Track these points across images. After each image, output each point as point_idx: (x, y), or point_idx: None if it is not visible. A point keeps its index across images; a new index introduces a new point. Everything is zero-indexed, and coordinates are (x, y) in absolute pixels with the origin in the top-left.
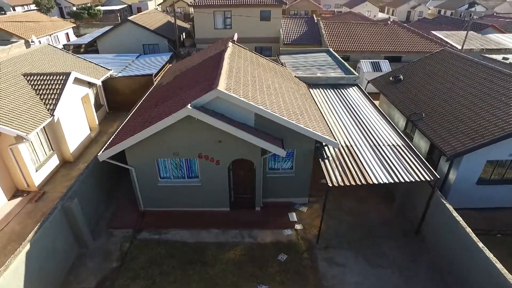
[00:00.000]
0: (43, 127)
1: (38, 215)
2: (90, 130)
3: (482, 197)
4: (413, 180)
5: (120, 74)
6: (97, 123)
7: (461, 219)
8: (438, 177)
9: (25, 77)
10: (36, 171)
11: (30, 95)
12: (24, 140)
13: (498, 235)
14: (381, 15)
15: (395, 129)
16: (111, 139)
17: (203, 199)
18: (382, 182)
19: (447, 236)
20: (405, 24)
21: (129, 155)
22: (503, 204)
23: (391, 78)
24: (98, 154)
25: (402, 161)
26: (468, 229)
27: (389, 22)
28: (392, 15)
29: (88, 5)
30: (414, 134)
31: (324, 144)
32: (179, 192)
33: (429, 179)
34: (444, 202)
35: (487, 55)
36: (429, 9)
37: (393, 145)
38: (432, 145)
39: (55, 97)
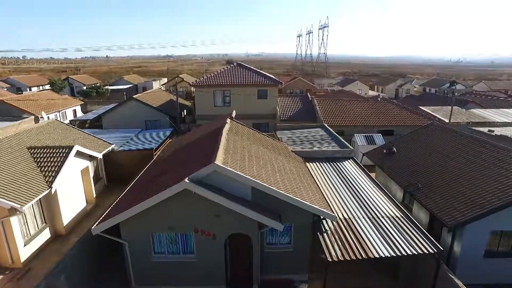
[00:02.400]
0: (39, 199)
1: None
2: (87, 202)
3: (493, 272)
4: (416, 253)
5: (121, 148)
6: (95, 196)
7: None
8: (442, 249)
9: (29, 150)
10: (24, 245)
11: (31, 167)
12: (18, 212)
13: None
14: (371, 93)
15: (393, 200)
16: (107, 212)
17: (198, 276)
18: (383, 256)
19: None
20: (394, 101)
21: (123, 229)
22: None
23: (385, 151)
24: (92, 228)
25: (403, 233)
26: None
27: (378, 98)
28: (382, 92)
29: (97, 84)
30: (413, 205)
31: (322, 217)
32: (173, 268)
33: (432, 252)
34: (453, 277)
35: (473, 128)
36: (415, 87)
37: (392, 216)
38: (432, 216)
39: (56, 169)
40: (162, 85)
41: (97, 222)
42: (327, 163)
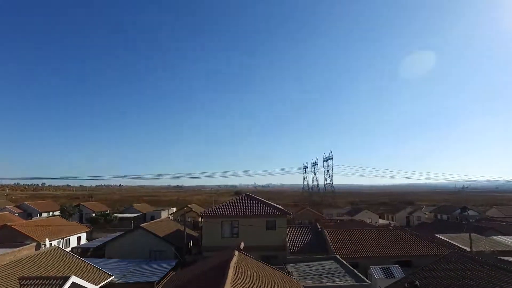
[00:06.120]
0: None
1: None
2: None
3: None
4: None
5: (120, 280)
6: None
7: None
8: None
9: (20, 281)
10: None
11: None
12: None
13: None
14: (381, 221)
15: None
16: None
17: None
18: None
19: None
20: (406, 229)
21: None
22: None
23: (406, 285)
24: None
25: None
26: None
27: (390, 227)
28: (392, 220)
29: (106, 212)
30: None
31: None
32: None
33: None
34: None
35: (501, 258)
36: (426, 214)
37: None
38: None
39: None
40: (170, 214)
41: None
42: None
